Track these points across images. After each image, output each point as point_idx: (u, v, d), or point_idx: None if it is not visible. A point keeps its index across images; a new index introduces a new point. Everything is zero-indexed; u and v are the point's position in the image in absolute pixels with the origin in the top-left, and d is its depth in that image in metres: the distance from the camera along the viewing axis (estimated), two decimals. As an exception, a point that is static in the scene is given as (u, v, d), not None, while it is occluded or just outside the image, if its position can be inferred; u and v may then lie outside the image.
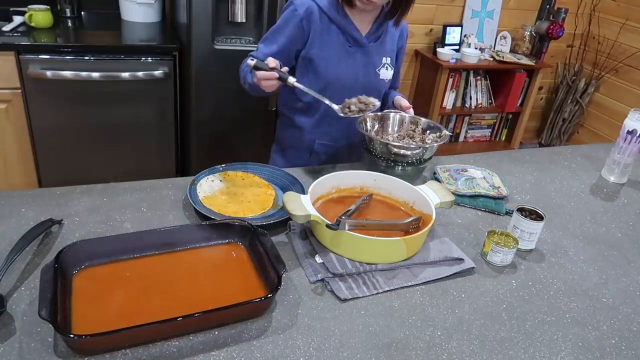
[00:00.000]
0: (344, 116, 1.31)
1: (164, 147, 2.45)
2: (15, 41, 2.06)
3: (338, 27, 1.43)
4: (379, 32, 1.49)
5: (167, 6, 2.68)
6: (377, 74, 1.51)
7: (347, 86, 1.47)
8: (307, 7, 1.39)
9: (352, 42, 1.45)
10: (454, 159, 1.61)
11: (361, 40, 1.45)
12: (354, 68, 1.47)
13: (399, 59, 1.62)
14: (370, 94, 1.49)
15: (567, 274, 1.14)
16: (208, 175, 1.30)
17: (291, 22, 1.40)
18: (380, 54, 1.51)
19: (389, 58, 1.54)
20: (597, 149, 1.84)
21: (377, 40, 1.49)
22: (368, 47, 1.47)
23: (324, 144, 1.57)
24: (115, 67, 2.18)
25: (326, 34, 1.42)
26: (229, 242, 1.06)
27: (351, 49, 1.46)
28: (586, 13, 3.70)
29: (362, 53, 1.47)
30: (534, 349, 0.92)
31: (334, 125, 1.53)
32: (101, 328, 0.78)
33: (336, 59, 1.44)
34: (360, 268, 1.04)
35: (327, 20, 1.42)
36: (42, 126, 2.20)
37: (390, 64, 1.55)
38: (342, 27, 1.43)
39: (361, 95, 1.35)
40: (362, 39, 1.46)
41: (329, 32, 1.42)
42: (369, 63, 1.49)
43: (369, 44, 1.47)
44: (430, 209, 1.14)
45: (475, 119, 3.77)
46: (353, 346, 0.87)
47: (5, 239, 1.01)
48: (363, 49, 1.47)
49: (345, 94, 1.45)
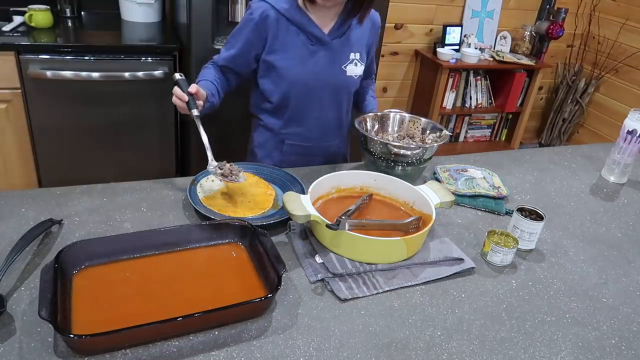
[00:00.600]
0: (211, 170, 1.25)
1: (164, 147, 2.45)
2: (15, 41, 2.06)
3: (298, 27, 1.40)
4: (343, 29, 1.45)
5: (167, 6, 2.68)
6: (344, 71, 1.47)
7: (313, 86, 1.45)
8: (262, 10, 1.37)
9: (314, 40, 1.42)
10: (454, 159, 1.61)
11: (324, 38, 1.42)
12: (317, 67, 1.44)
13: (372, 53, 1.58)
14: (339, 92, 1.50)
15: (567, 274, 1.14)
16: (208, 175, 1.30)
17: (247, 26, 1.39)
18: (346, 51, 1.47)
19: (357, 53, 1.49)
20: (597, 149, 1.84)
21: (342, 37, 1.45)
22: (332, 44, 1.43)
23: (294, 145, 1.54)
24: (115, 67, 2.18)
25: (285, 35, 1.40)
26: (229, 242, 1.06)
27: (313, 47, 1.42)
28: (586, 13, 3.70)
29: (325, 51, 1.43)
30: (534, 349, 0.92)
31: (304, 126, 1.52)
32: (101, 328, 0.78)
33: (298, 60, 1.42)
34: (360, 268, 1.04)
35: (286, 21, 1.39)
36: (42, 126, 2.20)
37: (359, 60, 1.50)
38: (302, 26, 1.40)
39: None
40: (325, 37, 1.42)
41: (289, 33, 1.40)
42: (333, 61, 1.45)
43: (332, 41, 1.43)
44: (430, 209, 1.14)
45: (475, 119, 3.77)
46: (353, 346, 0.87)
47: (5, 239, 1.01)
48: (326, 47, 1.43)
49: (312, 94, 1.46)
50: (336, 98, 1.51)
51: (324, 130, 1.55)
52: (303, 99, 1.47)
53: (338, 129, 1.59)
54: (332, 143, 1.60)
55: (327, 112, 1.52)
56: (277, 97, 1.46)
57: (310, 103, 1.48)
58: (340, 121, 1.58)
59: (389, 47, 3.30)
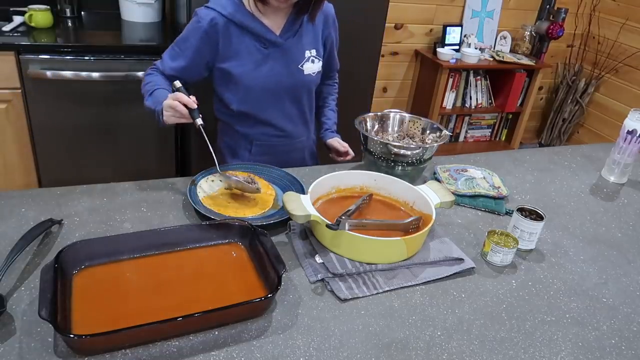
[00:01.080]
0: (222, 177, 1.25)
1: (164, 147, 2.45)
2: (15, 41, 2.06)
3: (249, 32, 1.38)
4: (294, 28, 1.42)
5: (167, 6, 2.68)
6: (301, 70, 1.46)
7: (271, 90, 1.44)
8: (210, 18, 1.34)
9: (267, 43, 1.40)
10: (454, 159, 1.61)
11: (276, 40, 1.40)
12: (273, 70, 1.42)
13: (329, 47, 1.55)
14: (299, 92, 1.48)
15: (567, 274, 1.14)
16: (208, 175, 1.30)
17: (196, 35, 1.36)
18: (301, 49, 1.45)
19: (313, 50, 1.47)
20: (597, 149, 1.84)
21: (295, 36, 1.43)
22: (285, 45, 1.41)
23: (262, 144, 1.53)
24: (115, 67, 2.18)
25: (237, 42, 1.38)
26: (229, 242, 1.06)
27: (267, 50, 1.40)
28: (586, 13, 3.70)
29: (280, 53, 1.42)
30: (534, 349, 0.92)
31: (269, 127, 1.51)
32: (101, 328, 0.78)
33: (253, 65, 1.40)
34: (360, 268, 1.04)
35: (235, 27, 1.36)
36: (42, 126, 2.20)
37: (316, 56, 1.48)
38: (252, 30, 1.37)
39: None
40: (277, 39, 1.40)
41: (240, 39, 1.38)
42: (289, 61, 1.43)
43: (285, 42, 1.41)
44: (430, 209, 1.14)
45: (475, 119, 3.77)
46: (353, 346, 0.87)
47: (5, 239, 1.01)
48: (280, 49, 1.41)
49: (271, 97, 1.45)
50: (297, 97, 1.50)
51: (289, 129, 1.55)
52: (263, 103, 1.46)
53: (304, 125, 1.59)
54: (299, 139, 1.59)
55: (290, 112, 1.52)
56: (237, 104, 1.45)
57: (272, 105, 1.47)
58: (305, 118, 1.58)
59: (389, 47, 3.30)
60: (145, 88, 1.37)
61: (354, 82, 2.62)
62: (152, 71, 1.43)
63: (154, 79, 1.39)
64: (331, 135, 1.64)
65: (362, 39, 2.47)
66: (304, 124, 1.59)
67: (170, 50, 1.41)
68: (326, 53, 1.55)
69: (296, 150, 1.61)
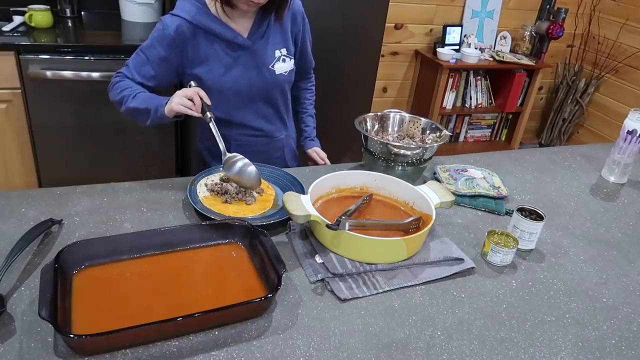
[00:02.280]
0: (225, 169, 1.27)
1: (164, 147, 2.45)
2: (15, 41, 2.06)
3: (216, 36, 1.36)
4: (262, 29, 1.41)
5: (167, 6, 2.68)
6: (272, 70, 1.45)
7: (243, 92, 1.43)
8: (176, 26, 1.32)
9: (235, 46, 1.38)
10: (454, 159, 1.61)
11: (244, 43, 1.38)
12: (244, 72, 1.41)
13: (300, 44, 1.53)
14: (271, 92, 1.48)
15: (567, 274, 1.14)
16: (208, 175, 1.30)
17: (162, 43, 1.34)
18: (270, 50, 1.43)
19: (283, 49, 1.46)
20: (597, 149, 1.84)
21: (263, 37, 1.42)
22: (254, 47, 1.40)
23: (241, 144, 1.52)
24: (115, 67, 2.14)
25: (205, 47, 1.36)
26: (229, 242, 1.06)
27: (236, 53, 1.39)
28: (586, 13, 3.70)
29: (249, 55, 1.40)
30: (534, 349, 0.92)
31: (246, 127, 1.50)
32: (101, 328, 0.78)
33: (222, 69, 1.39)
34: (360, 268, 1.04)
35: (203, 32, 1.35)
36: (42, 126, 2.20)
37: (287, 55, 1.47)
38: (220, 34, 1.36)
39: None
40: (245, 41, 1.38)
41: (208, 44, 1.36)
42: (259, 63, 1.42)
43: (254, 44, 1.40)
44: (430, 209, 1.14)
45: (475, 119, 3.77)
46: (353, 346, 0.87)
47: (5, 239, 1.01)
48: (249, 51, 1.40)
49: (244, 100, 1.45)
50: (270, 97, 1.50)
51: (266, 128, 1.54)
52: (237, 106, 1.46)
53: (281, 123, 1.59)
54: (278, 138, 1.59)
55: (265, 112, 1.51)
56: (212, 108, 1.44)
57: (246, 107, 1.47)
58: (281, 116, 1.58)
59: (389, 47, 3.30)
60: (123, 93, 1.35)
61: (354, 82, 2.62)
62: (121, 78, 1.40)
63: (129, 84, 1.37)
64: (310, 144, 1.66)
65: (362, 39, 2.47)
66: (281, 122, 1.59)
67: (136, 57, 1.39)
68: (297, 51, 1.54)
69: (276, 149, 1.60)
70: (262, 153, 1.55)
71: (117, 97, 1.38)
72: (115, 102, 1.40)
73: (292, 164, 1.66)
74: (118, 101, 1.38)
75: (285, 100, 1.57)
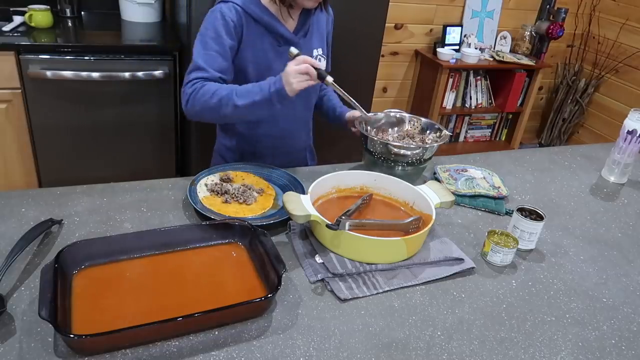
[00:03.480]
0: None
1: (164, 147, 2.45)
2: (15, 41, 2.06)
3: (265, 29, 1.35)
4: (306, 26, 1.41)
5: (167, 6, 2.68)
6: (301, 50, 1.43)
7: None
8: (234, 11, 1.29)
9: (282, 41, 1.37)
10: (454, 159, 1.61)
11: (292, 39, 1.37)
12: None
13: (329, 45, 1.55)
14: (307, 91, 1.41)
15: (567, 274, 1.14)
16: (208, 175, 1.30)
17: (229, 32, 1.29)
18: (310, 48, 1.44)
19: (320, 49, 1.47)
20: (597, 149, 1.84)
21: (306, 35, 1.42)
22: (299, 43, 1.39)
23: (267, 146, 1.51)
24: (115, 67, 2.18)
25: (255, 37, 1.34)
26: (229, 242, 1.06)
27: (281, 49, 1.37)
28: (586, 13, 3.70)
29: None
30: (534, 349, 0.92)
31: (276, 126, 1.48)
32: (101, 328, 0.78)
33: (268, 63, 1.37)
34: (360, 268, 1.04)
35: (253, 22, 1.33)
36: (42, 126, 2.20)
37: (322, 55, 1.48)
38: (269, 27, 1.34)
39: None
40: (293, 37, 1.38)
41: (257, 34, 1.34)
42: None
43: (299, 41, 1.39)
44: (430, 209, 1.14)
45: (475, 119, 3.77)
46: (353, 346, 0.87)
47: (5, 239, 1.01)
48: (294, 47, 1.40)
49: None
50: (306, 96, 1.49)
51: (294, 128, 1.54)
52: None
53: (306, 124, 1.59)
54: (300, 139, 1.59)
55: (297, 111, 1.50)
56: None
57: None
58: (308, 117, 1.58)
59: (389, 47, 3.30)
60: (217, 95, 1.25)
61: (354, 82, 2.62)
62: (201, 82, 1.28)
63: (215, 86, 1.27)
64: (347, 109, 1.59)
65: (362, 39, 2.47)
66: (306, 123, 1.59)
67: (204, 55, 1.30)
68: (328, 49, 1.54)
69: (299, 151, 1.60)
70: (286, 154, 1.55)
71: (211, 102, 1.25)
72: (207, 109, 1.27)
73: (312, 164, 1.66)
74: (214, 107, 1.26)
75: (314, 102, 1.57)
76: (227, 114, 1.26)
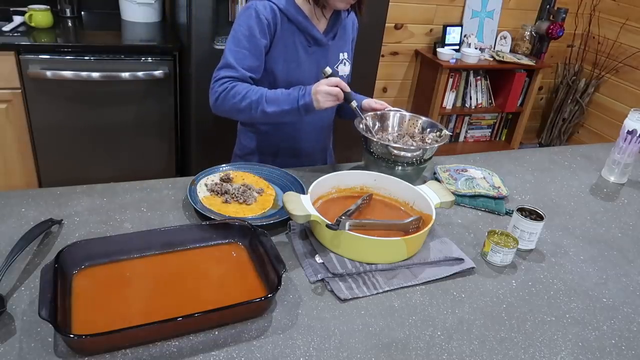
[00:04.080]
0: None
1: (164, 147, 2.45)
2: (15, 41, 2.06)
3: (298, 28, 1.37)
4: (335, 29, 1.44)
5: (167, 6, 2.68)
6: (336, 71, 1.47)
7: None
8: (269, 9, 1.31)
9: (312, 42, 1.39)
10: (454, 159, 1.61)
11: (322, 40, 1.40)
12: (314, 69, 1.42)
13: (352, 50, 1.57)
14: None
15: (567, 274, 1.14)
16: (208, 175, 1.30)
17: (262, 31, 1.31)
18: (337, 51, 1.47)
19: (345, 53, 1.49)
20: (597, 149, 1.84)
21: (335, 37, 1.45)
22: (328, 45, 1.42)
23: (288, 148, 1.52)
24: (115, 67, 2.18)
25: (287, 36, 1.36)
26: (229, 242, 1.06)
27: (310, 49, 1.40)
28: (586, 13, 3.70)
29: (321, 52, 1.43)
30: (534, 349, 0.92)
31: (298, 129, 1.50)
32: (101, 328, 0.78)
33: (297, 62, 1.39)
34: (360, 268, 1.04)
35: (287, 21, 1.35)
36: (42, 126, 2.20)
37: (348, 59, 1.50)
38: (302, 27, 1.36)
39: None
40: (323, 38, 1.40)
41: (289, 33, 1.36)
42: (327, 62, 1.44)
43: (328, 43, 1.42)
44: (430, 209, 1.14)
45: (475, 119, 3.77)
46: (353, 346, 0.87)
47: (5, 239, 1.01)
48: (322, 49, 1.42)
49: None
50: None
51: (316, 131, 1.55)
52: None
53: (328, 128, 1.60)
54: (321, 143, 1.60)
55: (321, 114, 1.49)
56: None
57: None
58: (331, 121, 1.59)
59: (389, 47, 3.30)
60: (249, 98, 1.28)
61: (354, 82, 2.61)
62: (232, 82, 1.31)
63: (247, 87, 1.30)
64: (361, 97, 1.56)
65: (362, 39, 2.46)
66: (328, 127, 1.60)
67: (236, 53, 1.31)
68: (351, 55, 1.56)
69: (320, 152, 1.60)
70: (308, 156, 1.56)
71: (240, 105, 1.29)
72: (234, 111, 1.31)
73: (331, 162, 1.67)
74: (243, 109, 1.29)
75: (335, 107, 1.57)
76: (256, 117, 1.31)
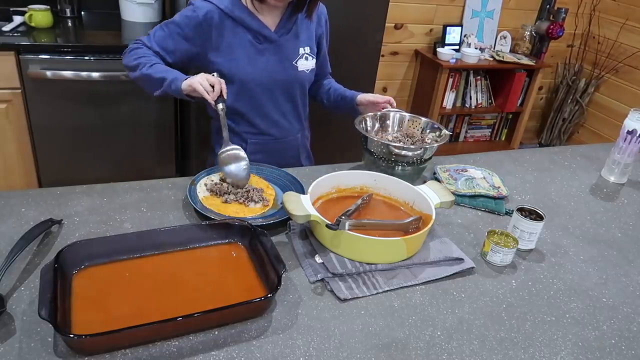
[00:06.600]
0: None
1: (164, 147, 2.45)
2: (15, 41, 2.06)
3: (244, 27, 1.40)
4: (289, 25, 1.45)
5: (167, 6, 2.68)
6: (295, 66, 1.48)
7: (264, 85, 1.45)
8: (206, 11, 1.36)
9: (262, 39, 1.42)
10: (454, 159, 1.61)
11: (271, 36, 1.42)
12: (267, 65, 1.44)
13: (322, 46, 1.58)
14: (292, 88, 1.50)
15: (567, 274, 1.14)
16: (208, 175, 1.30)
17: (190, 23, 1.37)
18: (295, 46, 1.47)
19: (307, 47, 1.50)
20: (597, 149, 1.84)
21: (289, 33, 1.45)
22: (279, 41, 1.44)
23: (257, 143, 1.53)
24: (115, 67, 2.17)
25: (231, 36, 1.39)
26: (229, 242, 1.06)
27: (261, 46, 1.42)
28: (586, 13, 3.70)
29: (274, 49, 1.44)
30: (534, 349, 0.92)
31: (264, 124, 1.52)
32: (101, 328, 0.78)
33: (246, 60, 1.41)
34: (360, 268, 1.04)
35: (232, 22, 1.39)
36: (42, 126, 2.20)
37: (310, 54, 1.51)
38: (248, 25, 1.39)
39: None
40: (272, 35, 1.42)
41: (235, 33, 1.40)
42: (283, 58, 1.45)
43: (280, 38, 1.44)
44: (430, 209, 1.14)
45: (475, 119, 3.77)
46: (353, 346, 0.87)
47: (5, 239, 1.01)
48: (274, 45, 1.43)
49: (265, 93, 1.47)
50: (291, 93, 1.52)
51: (283, 126, 1.55)
52: (258, 98, 1.47)
53: (298, 122, 1.60)
54: (294, 137, 1.60)
55: (284, 108, 1.53)
56: (232, 100, 1.44)
57: (266, 101, 1.48)
58: (299, 115, 1.59)
59: (389, 47, 3.30)
60: (140, 60, 1.37)
61: (354, 82, 2.61)
62: (139, 45, 1.42)
63: (147, 53, 1.40)
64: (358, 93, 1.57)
65: (362, 39, 2.47)
66: (298, 121, 1.60)
67: (159, 30, 1.42)
68: (320, 54, 1.57)
69: (291, 149, 1.61)
70: (278, 152, 1.56)
71: (132, 62, 1.39)
72: (128, 67, 1.42)
73: (306, 164, 1.67)
74: (132, 66, 1.39)
75: (304, 100, 1.58)
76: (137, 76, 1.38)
